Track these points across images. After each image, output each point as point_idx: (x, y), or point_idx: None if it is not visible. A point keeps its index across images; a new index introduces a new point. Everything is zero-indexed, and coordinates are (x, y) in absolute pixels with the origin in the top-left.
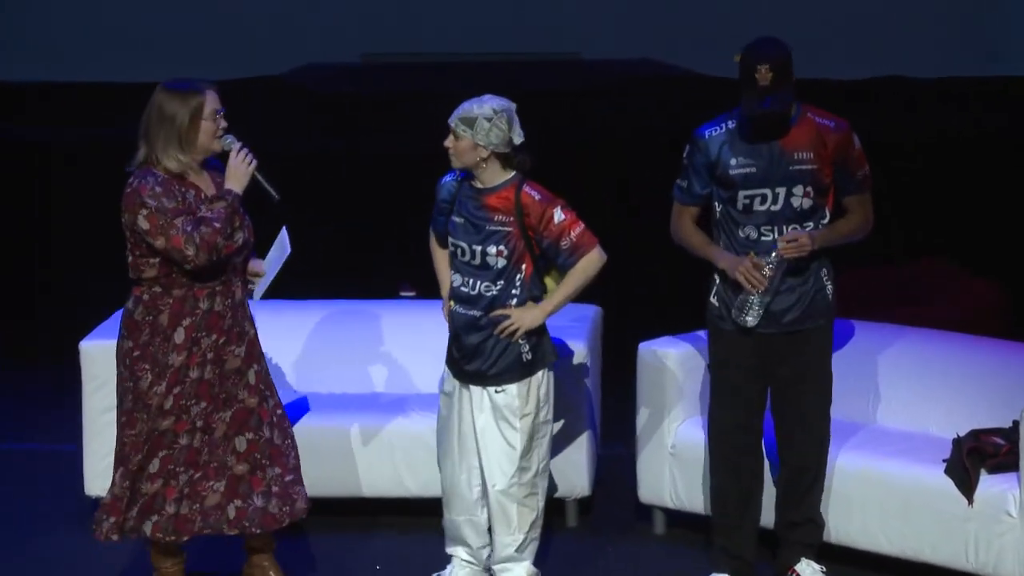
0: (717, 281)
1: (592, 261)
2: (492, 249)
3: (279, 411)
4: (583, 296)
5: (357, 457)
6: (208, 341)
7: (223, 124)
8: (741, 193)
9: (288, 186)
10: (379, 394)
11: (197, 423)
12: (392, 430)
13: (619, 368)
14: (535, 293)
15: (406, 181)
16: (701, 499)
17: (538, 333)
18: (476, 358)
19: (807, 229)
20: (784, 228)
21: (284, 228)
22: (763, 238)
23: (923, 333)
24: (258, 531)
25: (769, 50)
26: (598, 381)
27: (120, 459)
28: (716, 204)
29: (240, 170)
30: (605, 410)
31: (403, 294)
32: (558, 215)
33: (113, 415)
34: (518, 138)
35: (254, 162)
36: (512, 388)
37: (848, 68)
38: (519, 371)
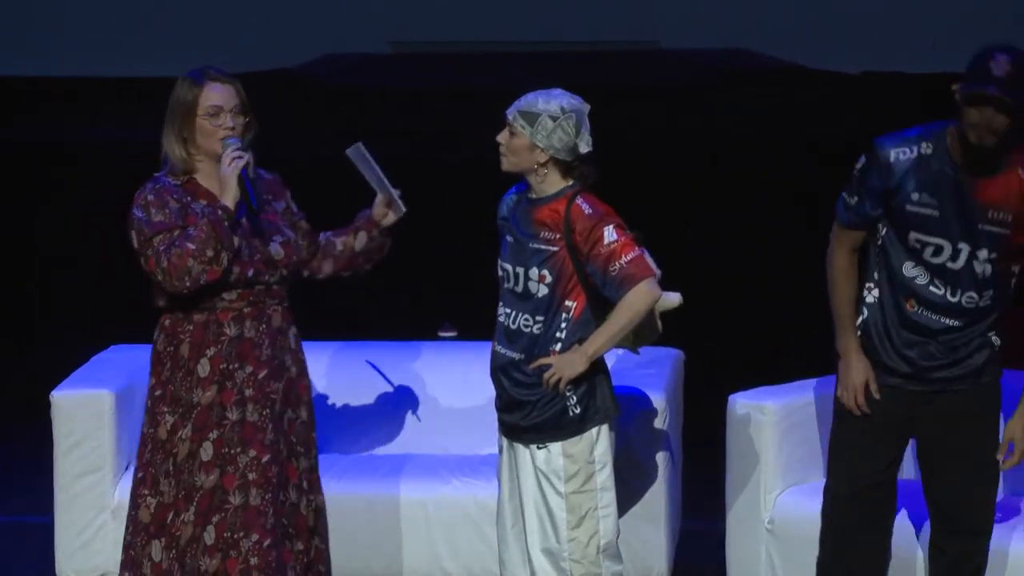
0: (865, 314)
1: (640, 295)
2: (534, 273)
3: (313, 477)
4: (662, 337)
5: (383, 532)
6: (243, 374)
7: (228, 124)
8: (913, 235)
9: (301, 199)
10: (411, 455)
11: (249, 476)
12: (427, 500)
13: (705, 425)
14: (587, 336)
15: (446, 196)
16: None
17: (591, 381)
18: (515, 409)
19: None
20: (959, 291)
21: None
22: (931, 289)
23: None
24: None
25: (1016, 51)
26: (679, 440)
27: (137, 524)
28: (881, 227)
29: (225, 175)
30: (687, 476)
31: (443, 334)
32: (609, 235)
33: (91, 480)
34: (585, 146)
35: (236, 163)
36: (556, 447)
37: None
38: (564, 428)
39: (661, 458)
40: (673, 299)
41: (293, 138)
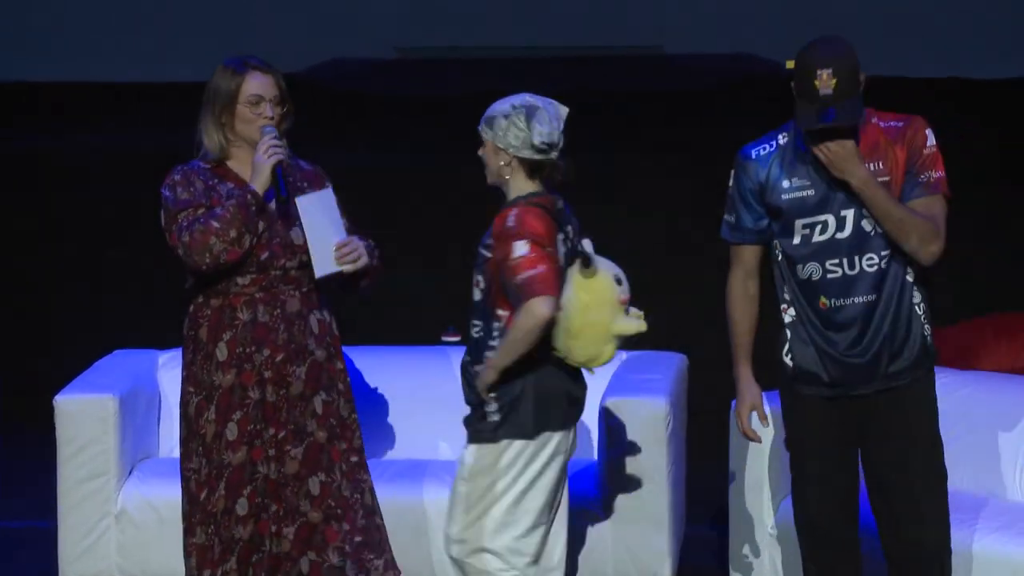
0: (789, 335)
1: (525, 312)
2: (475, 278)
3: (353, 459)
4: (665, 343)
5: None
6: (261, 357)
7: (268, 113)
8: (799, 222)
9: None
10: (413, 460)
11: (269, 452)
12: (427, 503)
13: (708, 430)
14: None
15: (451, 202)
16: None
17: (518, 396)
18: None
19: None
20: (856, 258)
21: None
22: (830, 275)
23: None
24: None
25: (831, 52)
26: (682, 446)
27: (188, 497)
28: (775, 245)
29: (259, 163)
30: (691, 481)
31: (446, 339)
32: (519, 249)
33: (94, 485)
34: (538, 137)
35: (275, 156)
36: (471, 446)
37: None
38: (481, 431)
39: (664, 463)
40: (631, 323)
41: (299, 143)
